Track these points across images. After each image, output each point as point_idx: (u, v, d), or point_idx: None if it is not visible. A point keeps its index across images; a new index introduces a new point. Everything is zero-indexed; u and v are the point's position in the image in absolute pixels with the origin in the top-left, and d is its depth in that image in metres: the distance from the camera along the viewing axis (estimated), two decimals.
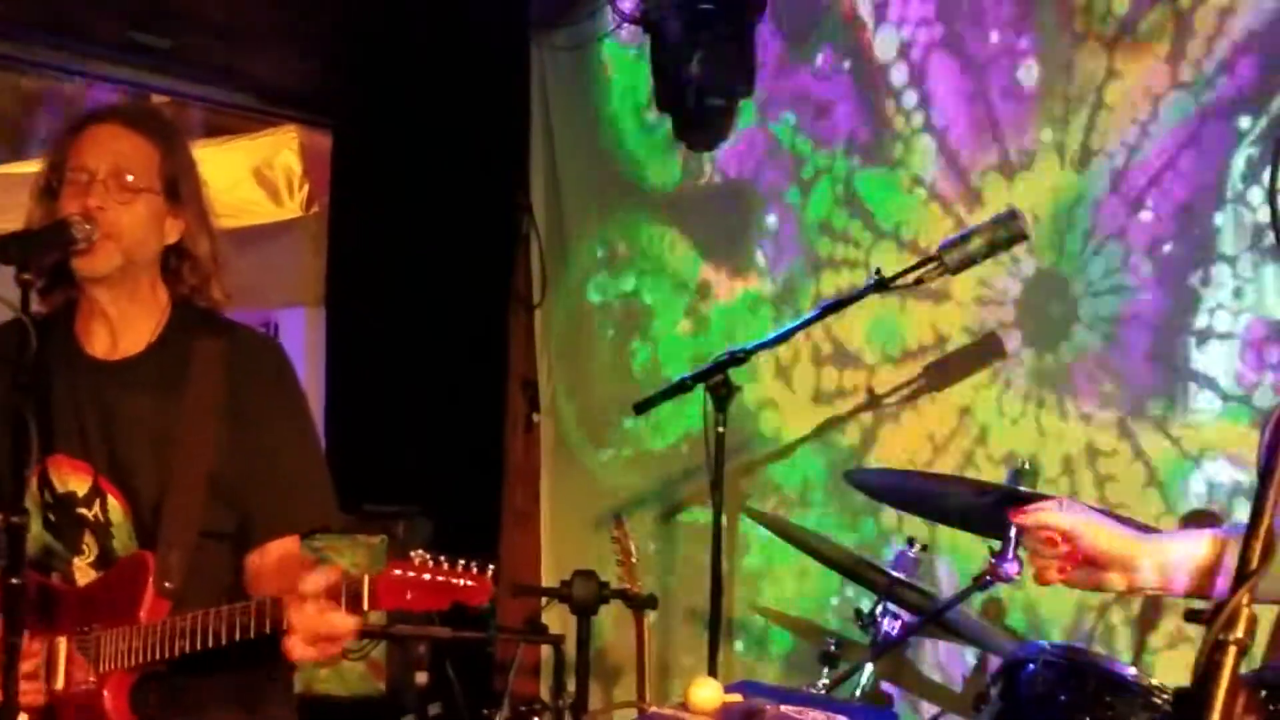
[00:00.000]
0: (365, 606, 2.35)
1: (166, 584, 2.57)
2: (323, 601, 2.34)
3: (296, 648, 2.38)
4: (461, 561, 2.37)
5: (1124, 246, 3.87)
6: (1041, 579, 2.24)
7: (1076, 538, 2.19)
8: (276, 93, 5.33)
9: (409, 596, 2.35)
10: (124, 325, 2.70)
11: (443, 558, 2.37)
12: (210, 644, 2.46)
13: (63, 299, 2.73)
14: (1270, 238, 3.52)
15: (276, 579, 2.59)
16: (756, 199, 4.65)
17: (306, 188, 5.80)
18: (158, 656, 2.52)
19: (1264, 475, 1.50)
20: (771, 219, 4.63)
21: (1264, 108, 3.63)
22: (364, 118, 5.15)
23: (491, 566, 2.38)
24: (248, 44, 5.08)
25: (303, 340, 5.57)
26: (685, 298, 4.80)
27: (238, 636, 2.44)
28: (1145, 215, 3.85)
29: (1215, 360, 3.71)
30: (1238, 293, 3.69)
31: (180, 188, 2.69)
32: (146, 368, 2.69)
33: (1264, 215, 3.56)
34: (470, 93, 4.95)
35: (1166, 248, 3.80)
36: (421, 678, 3.93)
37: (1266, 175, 3.38)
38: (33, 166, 6.10)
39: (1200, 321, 3.74)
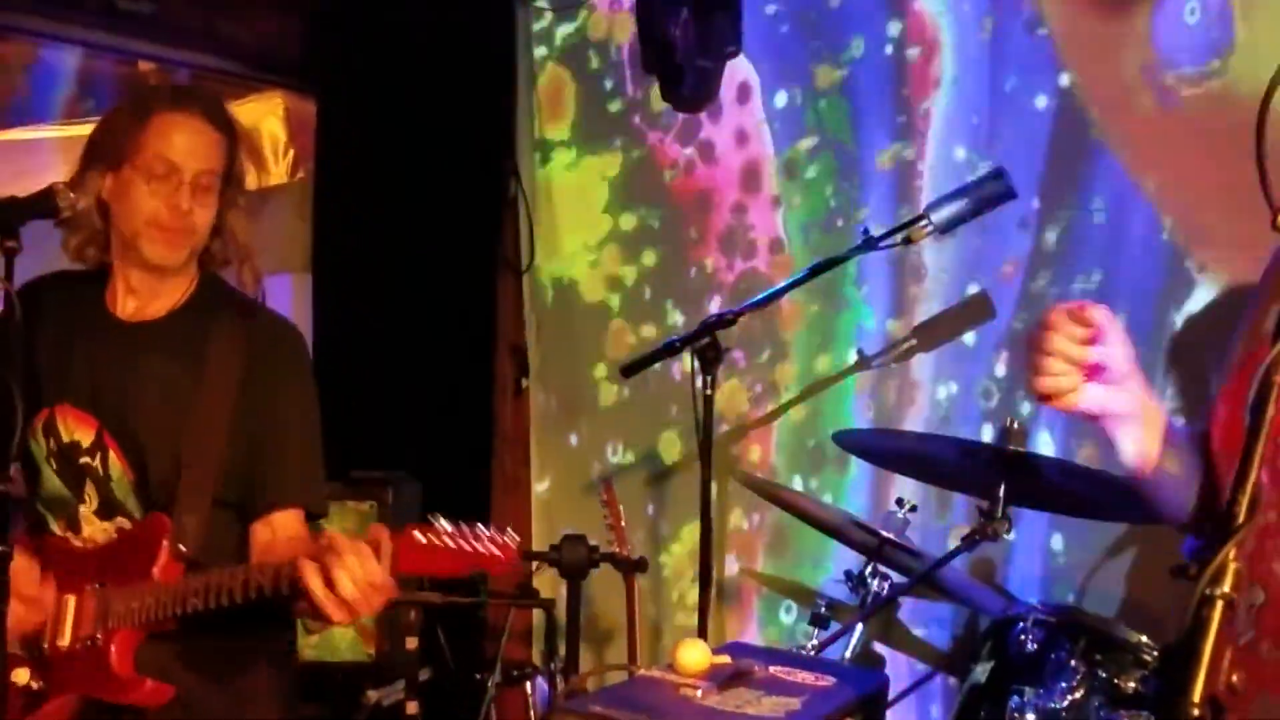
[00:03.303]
0: (387, 568, 2.38)
1: (181, 547, 2.61)
2: (364, 551, 2.36)
3: (333, 607, 2.38)
4: (479, 525, 2.38)
5: None
6: (1053, 389, 1.96)
7: (1109, 341, 1.95)
8: (262, 58, 5.30)
9: (433, 561, 2.37)
10: (153, 292, 2.79)
11: (463, 524, 2.38)
12: (226, 602, 2.48)
13: (103, 250, 2.81)
14: None
15: (291, 554, 2.62)
16: None
17: (292, 154, 5.79)
18: (169, 614, 2.55)
19: (1251, 430, 1.49)
20: None
21: None
22: (349, 82, 5.12)
23: (516, 538, 2.39)
24: (232, 9, 5.05)
25: (289, 307, 5.55)
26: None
27: (253, 596, 2.47)
28: None
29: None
30: None
31: (234, 176, 2.80)
32: (167, 333, 2.77)
33: None
34: (456, 56, 4.92)
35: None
36: (412, 643, 3.94)
37: None
38: (15, 134, 6.10)
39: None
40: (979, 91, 4.11)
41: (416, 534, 2.36)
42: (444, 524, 2.37)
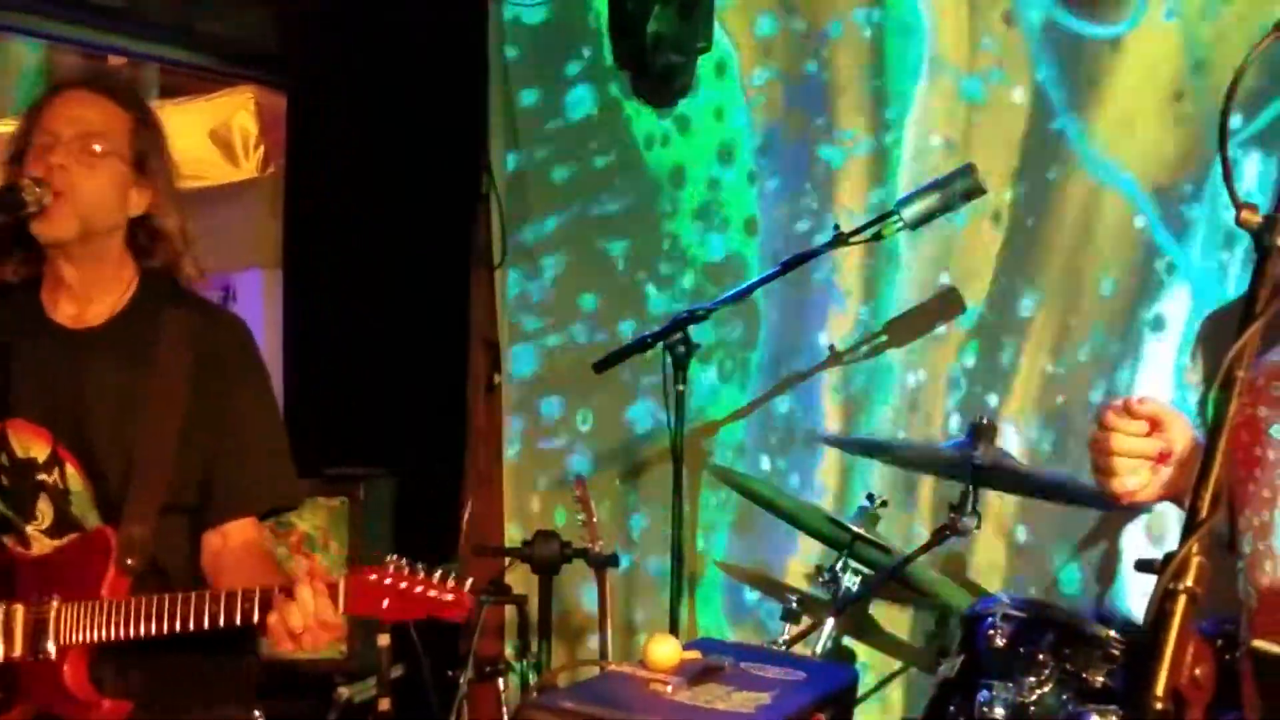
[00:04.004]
0: (340, 608, 2.36)
1: (129, 560, 2.55)
2: (319, 589, 2.36)
3: (281, 637, 2.39)
4: (438, 572, 2.37)
5: None
6: (1128, 487, 1.99)
7: (1167, 425, 1.99)
8: (233, 52, 5.28)
9: (385, 604, 2.36)
10: (89, 294, 2.69)
11: (420, 565, 2.37)
12: (180, 629, 2.45)
13: (34, 265, 2.72)
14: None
15: (240, 565, 2.63)
16: None
17: (262, 148, 5.76)
18: (123, 635, 2.50)
19: (1213, 426, 1.50)
20: None
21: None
22: (321, 77, 5.10)
23: (470, 580, 2.38)
24: (203, 3, 5.02)
25: (261, 303, 5.53)
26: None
27: (206, 625, 2.44)
28: None
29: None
30: None
31: (148, 159, 2.68)
32: (113, 338, 2.67)
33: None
34: (427, 50, 4.90)
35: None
36: (384, 640, 3.92)
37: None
38: None
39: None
40: (957, 81, 4.12)
41: (372, 576, 2.36)
42: (397, 565, 2.36)
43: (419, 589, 2.34)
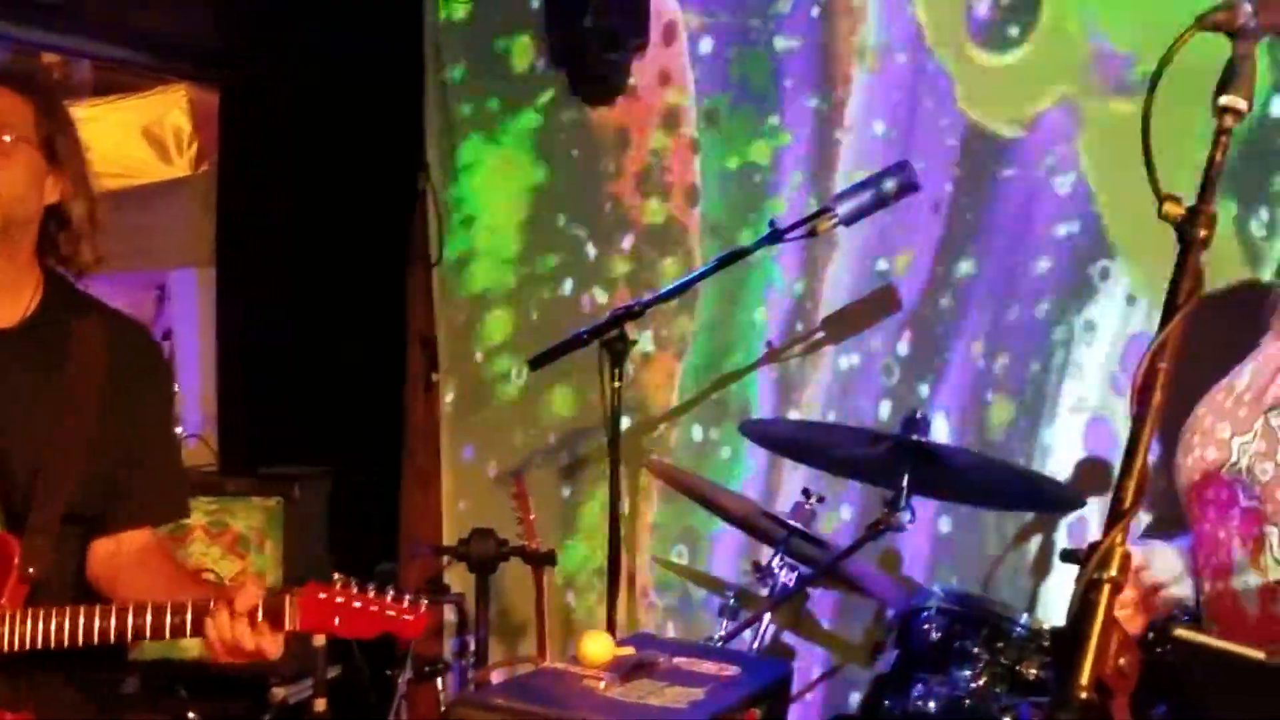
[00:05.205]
0: (286, 626, 2.34)
1: (30, 569, 2.49)
2: (251, 618, 2.33)
3: (218, 653, 2.36)
4: (390, 591, 2.35)
5: None
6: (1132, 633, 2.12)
7: (1150, 563, 2.18)
8: (167, 49, 5.23)
9: (336, 622, 2.34)
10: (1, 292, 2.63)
11: (370, 585, 2.36)
12: (107, 640, 2.40)
13: None
14: None
15: (143, 570, 2.60)
16: None
17: (195, 146, 5.72)
18: (22, 646, 2.43)
19: (1138, 416, 1.51)
20: None
21: None
22: (254, 73, 5.06)
23: (425, 601, 2.37)
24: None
25: (194, 301, 5.49)
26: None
27: (130, 639, 2.41)
28: None
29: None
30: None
31: (58, 145, 2.63)
32: (26, 343, 2.61)
33: None
34: (363, 47, 4.87)
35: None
36: (319, 640, 3.89)
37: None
38: None
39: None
40: (902, 70, 4.12)
41: (322, 595, 2.34)
42: (344, 582, 2.35)
43: (374, 607, 2.33)
